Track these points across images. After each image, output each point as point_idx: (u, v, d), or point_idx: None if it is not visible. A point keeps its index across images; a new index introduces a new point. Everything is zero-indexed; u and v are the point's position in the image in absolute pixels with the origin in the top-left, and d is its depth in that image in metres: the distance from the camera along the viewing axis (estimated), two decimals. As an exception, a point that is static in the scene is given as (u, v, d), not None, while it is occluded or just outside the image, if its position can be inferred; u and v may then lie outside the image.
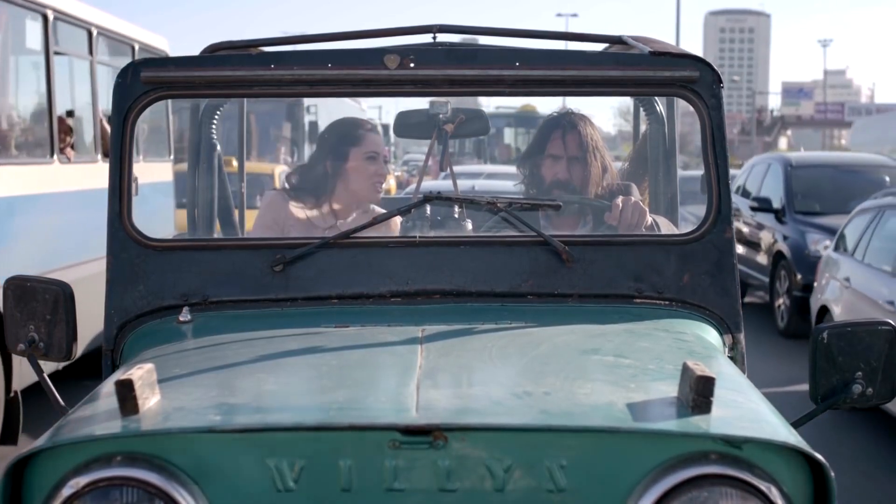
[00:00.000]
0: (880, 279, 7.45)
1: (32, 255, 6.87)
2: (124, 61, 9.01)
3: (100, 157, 8.49)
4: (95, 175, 8.32)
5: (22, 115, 7.77)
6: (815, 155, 16.19)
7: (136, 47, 9.54)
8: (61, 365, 7.07)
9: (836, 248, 8.88)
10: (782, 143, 61.88)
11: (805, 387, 8.05)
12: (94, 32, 8.46)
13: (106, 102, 8.87)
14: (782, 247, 11.45)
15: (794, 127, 71.86)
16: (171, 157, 10.67)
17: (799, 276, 10.80)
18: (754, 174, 13.26)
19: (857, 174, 12.54)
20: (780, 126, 68.79)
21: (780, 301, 11.38)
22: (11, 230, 6.83)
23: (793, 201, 11.77)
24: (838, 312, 8.08)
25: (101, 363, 2.84)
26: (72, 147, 8.03)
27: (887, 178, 12.16)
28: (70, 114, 8.32)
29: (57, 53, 7.65)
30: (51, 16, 7.39)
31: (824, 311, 8.50)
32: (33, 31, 7.36)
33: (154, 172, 9.72)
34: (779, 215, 11.79)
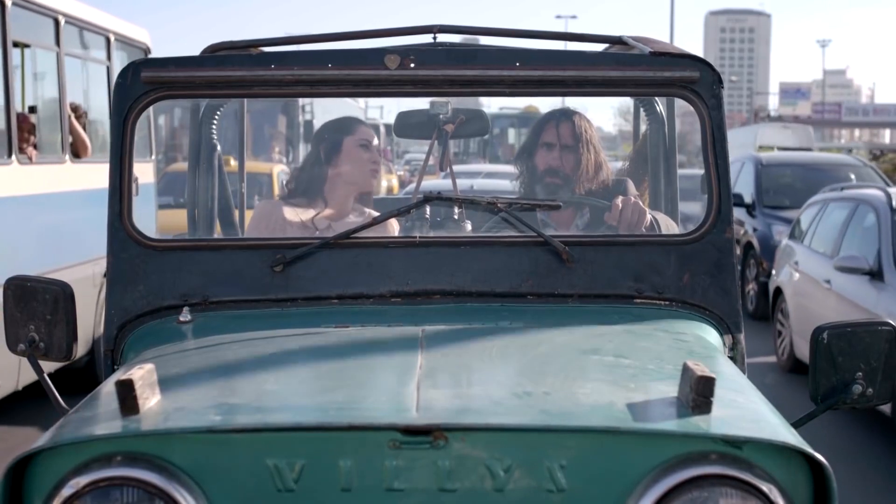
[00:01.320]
0: (821, 261, 8.62)
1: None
2: (98, 54, 8.60)
3: (68, 157, 7.76)
4: (63, 177, 7.65)
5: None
6: (783, 155, 17.94)
7: (112, 38, 8.87)
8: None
9: (791, 237, 10.00)
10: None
11: (768, 358, 8.51)
12: (62, 21, 7.70)
13: (79, 97, 8.35)
14: (752, 238, 12.70)
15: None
16: (153, 157, 9.97)
17: (765, 264, 11.97)
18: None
19: (822, 172, 13.95)
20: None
21: (750, 287, 12.60)
22: None
23: (762, 197, 13.14)
24: (790, 293, 9.31)
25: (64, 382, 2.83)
26: (34, 146, 7.32)
27: (853, 176, 13.51)
28: (32, 110, 7.68)
29: (17, 44, 7.09)
30: (8, 1, 6.77)
31: (779, 292, 9.71)
32: (-12, 20, 6.69)
33: (136, 173, 9.12)
34: (750, 209, 13.06)
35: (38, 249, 7.12)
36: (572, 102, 3.64)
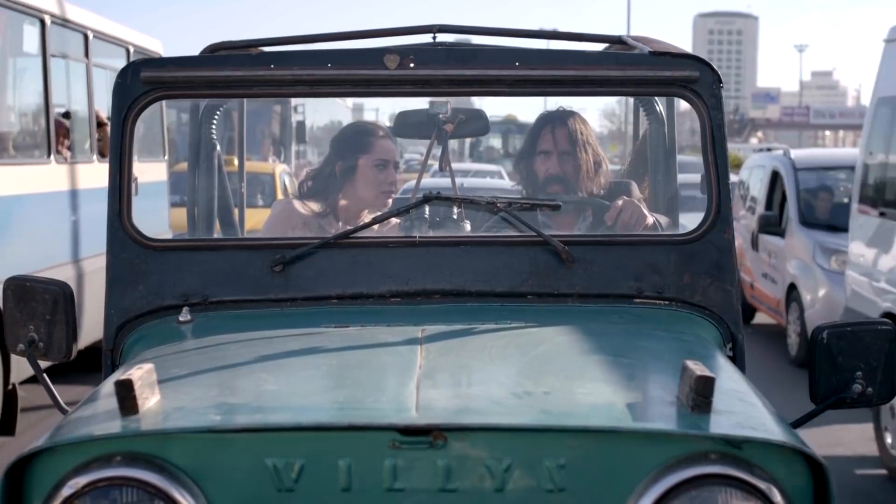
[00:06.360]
0: None
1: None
2: (119, 63, 8.95)
3: (95, 157, 8.41)
4: (91, 175, 8.28)
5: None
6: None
7: (132, 49, 9.46)
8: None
9: None
10: (753, 143, 64.39)
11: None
12: (90, 36, 8.37)
13: (104, 103, 8.74)
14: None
15: (763, 129, 75.69)
16: (165, 157, 10.71)
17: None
18: None
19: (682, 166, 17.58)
20: (750, 128, 71.57)
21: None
22: None
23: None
24: None
25: None
26: (69, 148, 8.00)
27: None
28: (67, 115, 8.20)
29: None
30: (47, 19, 7.34)
31: None
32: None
33: (149, 172, 9.80)
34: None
35: (71, 240, 7.86)
36: (561, 103, 3.63)
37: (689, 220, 3.26)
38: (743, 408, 2.25)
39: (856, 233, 7.53)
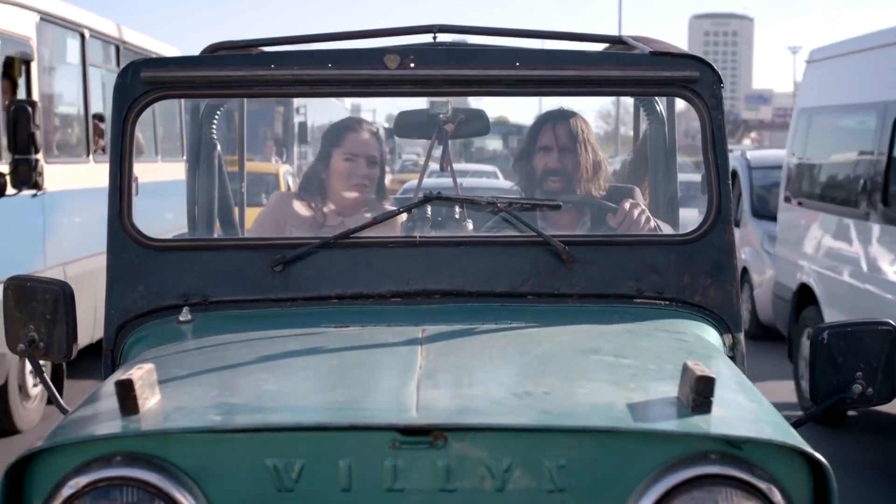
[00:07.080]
0: None
1: None
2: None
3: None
4: None
5: None
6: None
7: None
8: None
9: None
10: (746, 144, 64.82)
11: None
12: (121, 47, 9.22)
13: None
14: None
15: (756, 130, 76.88)
16: (184, 156, 11.13)
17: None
18: None
19: None
20: (743, 129, 72.33)
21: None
22: None
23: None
24: None
25: None
26: (103, 149, 8.44)
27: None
28: (101, 118, 8.77)
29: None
30: (87, 33, 8.17)
31: None
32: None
33: (170, 171, 10.51)
34: None
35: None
36: (562, 103, 3.59)
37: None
38: (743, 408, 2.25)
39: (782, 219, 9.00)
